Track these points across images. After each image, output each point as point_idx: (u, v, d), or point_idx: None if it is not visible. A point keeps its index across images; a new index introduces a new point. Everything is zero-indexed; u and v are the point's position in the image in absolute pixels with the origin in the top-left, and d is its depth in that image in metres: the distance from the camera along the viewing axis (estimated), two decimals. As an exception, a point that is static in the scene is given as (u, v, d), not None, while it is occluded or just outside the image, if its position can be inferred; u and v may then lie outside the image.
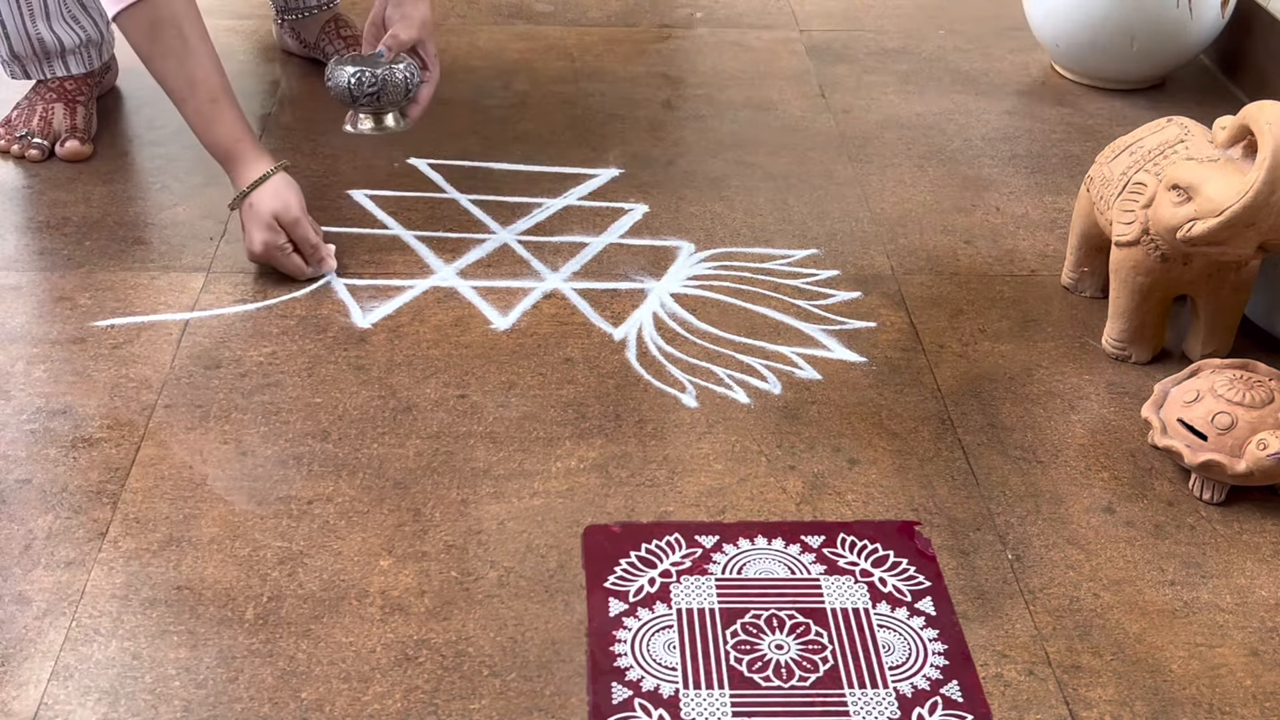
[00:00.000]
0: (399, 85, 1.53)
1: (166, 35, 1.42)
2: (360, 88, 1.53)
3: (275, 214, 1.44)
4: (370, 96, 1.53)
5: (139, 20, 1.41)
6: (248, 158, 1.46)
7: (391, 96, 1.54)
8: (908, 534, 1.17)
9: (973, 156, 1.79)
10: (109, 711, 0.99)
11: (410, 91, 1.55)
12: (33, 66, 1.70)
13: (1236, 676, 1.05)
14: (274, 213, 1.44)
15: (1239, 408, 1.20)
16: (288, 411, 1.29)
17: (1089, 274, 1.49)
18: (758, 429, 1.29)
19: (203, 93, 1.44)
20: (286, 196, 1.45)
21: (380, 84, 1.52)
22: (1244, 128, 1.25)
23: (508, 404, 1.31)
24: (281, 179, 1.46)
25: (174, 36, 1.42)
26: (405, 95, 1.55)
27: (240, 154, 1.46)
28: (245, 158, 1.46)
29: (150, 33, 1.42)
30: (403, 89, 1.54)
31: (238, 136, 1.46)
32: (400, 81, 1.53)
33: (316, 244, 1.47)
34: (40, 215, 1.59)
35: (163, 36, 1.42)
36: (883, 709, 1.01)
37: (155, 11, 1.41)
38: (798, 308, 1.47)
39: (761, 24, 2.17)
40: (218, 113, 1.45)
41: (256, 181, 1.45)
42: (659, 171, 1.72)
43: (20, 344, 1.37)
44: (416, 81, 1.55)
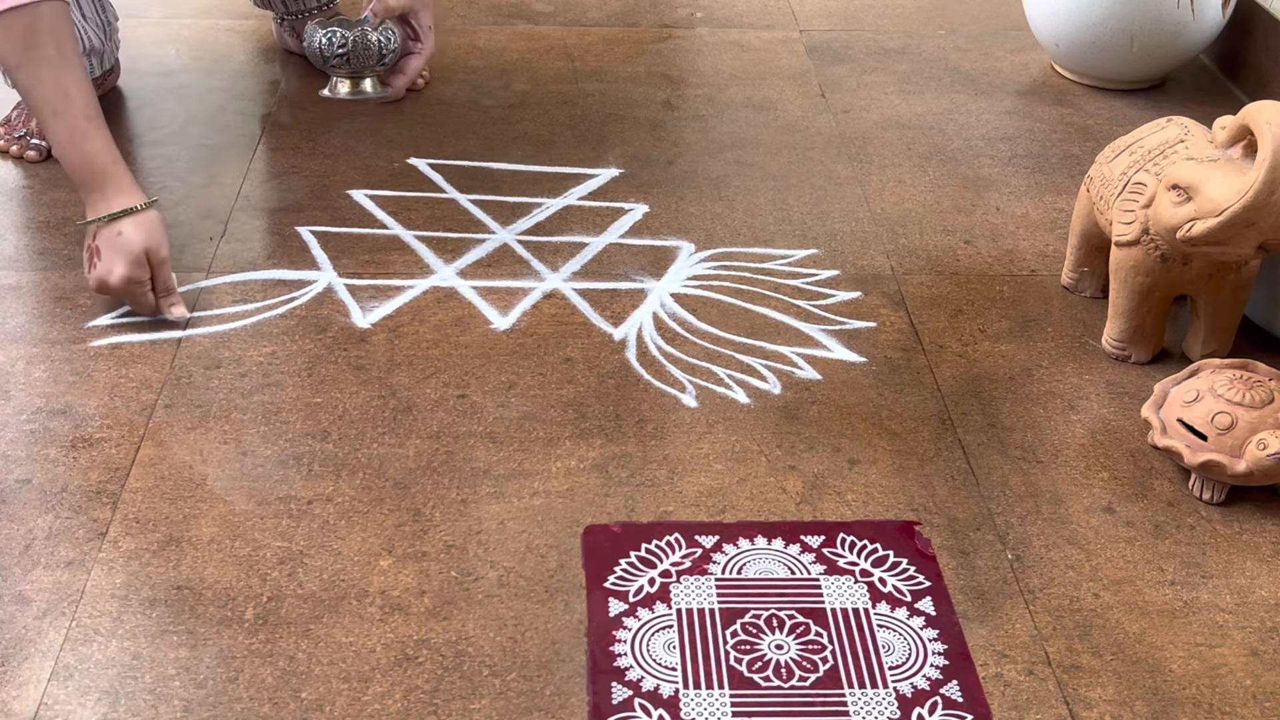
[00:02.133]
0: (371, 48, 1.51)
1: (44, 45, 1.34)
2: (330, 48, 1.51)
3: (148, 249, 1.38)
4: (340, 58, 1.51)
5: (15, 26, 1.33)
6: (121, 182, 1.38)
7: (363, 60, 1.51)
8: (908, 534, 1.17)
9: (973, 156, 1.79)
10: (109, 711, 0.99)
11: (385, 57, 1.52)
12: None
13: (1236, 676, 1.05)
14: (147, 248, 1.38)
15: (1239, 408, 1.20)
16: (288, 411, 1.29)
17: (1089, 274, 1.49)
18: (758, 429, 1.29)
19: (78, 108, 1.36)
20: (160, 234, 1.39)
21: (351, 46, 1.50)
22: (1244, 128, 1.25)
23: (508, 404, 1.31)
24: (155, 215, 1.40)
25: (51, 47, 1.34)
26: (379, 60, 1.52)
27: (114, 176, 1.38)
28: (118, 181, 1.38)
29: (25, 39, 1.33)
30: (375, 53, 1.51)
31: (113, 158, 1.38)
32: (372, 44, 1.51)
33: (174, 288, 1.42)
34: (40, 215, 1.59)
35: (39, 45, 1.34)
36: (883, 709, 1.01)
37: (35, 20, 1.33)
38: (798, 308, 1.47)
39: (761, 24, 2.17)
40: (93, 130, 1.37)
41: (126, 210, 1.37)
42: (659, 171, 1.72)
43: (20, 344, 1.37)
44: (393, 47, 1.53)
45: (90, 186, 1.39)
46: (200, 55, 1.98)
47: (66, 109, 1.36)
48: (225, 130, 1.79)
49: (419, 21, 1.56)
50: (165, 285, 1.41)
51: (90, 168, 1.38)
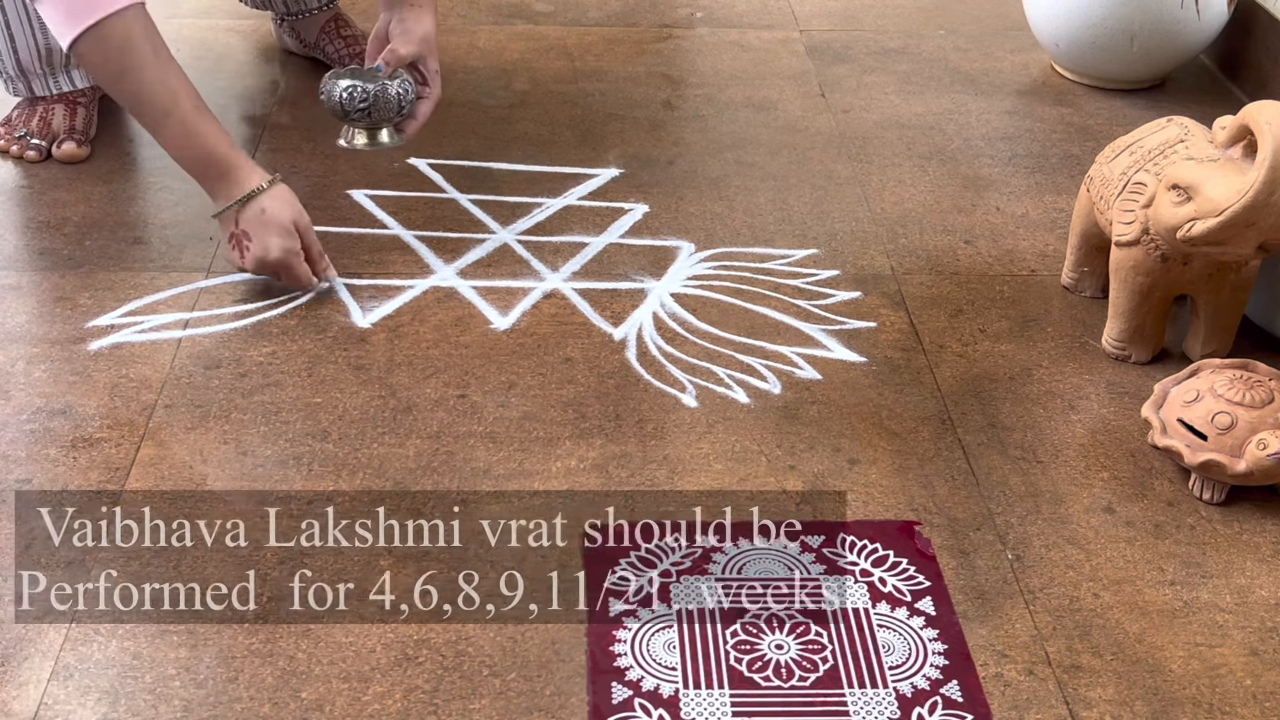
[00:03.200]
0: (391, 102, 1.52)
1: (141, 49, 1.35)
2: (352, 102, 1.52)
3: (294, 220, 1.41)
4: (362, 112, 1.52)
5: (108, 37, 1.33)
6: (245, 163, 1.41)
7: (384, 113, 1.52)
8: (908, 534, 1.17)
9: (973, 156, 1.79)
10: (109, 711, 0.99)
11: (404, 108, 1.54)
12: (38, 82, 1.69)
13: (1236, 676, 1.05)
14: (293, 219, 1.41)
15: (1239, 408, 1.20)
16: (288, 411, 1.29)
17: (1089, 274, 1.49)
18: (758, 429, 1.29)
19: (186, 100, 1.38)
20: (298, 203, 1.43)
21: (372, 99, 1.51)
22: (1244, 128, 1.25)
23: (508, 404, 1.31)
24: (286, 188, 1.43)
25: (148, 49, 1.35)
26: (398, 112, 1.53)
27: (236, 160, 1.40)
28: (242, 164, 1.40)
29: (123, 47, 1.34)
30: (395, 105, 1.52)
31: (230, 141, 1.41)
32: (393, 98, 1.52)
33: (323, 252, 1.46)
34: (40, 215, 1.59)
35: (137, 50, 1.34)
36: (883, 709, 1.01)
37: (129, 26, 1.34)
38: (798, 308, 1.47)
39: (761, 24, 2.17)
40: (205, 119, 1.39)
41: (256, 190, 1.40)
42: (659, 171, 1.72)
43: (20, 344, 1.37)
44: (411, 98, 1.54)
45: (216, 174, 1.40)
46: (200, 55, 1.98)
47: (176, 106, 1.37)
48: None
49: (426, 67, 1.57)
50: (317, 250, 1.44)
51: (212, 157, 1.39)
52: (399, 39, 1.53)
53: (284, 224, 1.40)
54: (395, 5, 1.55)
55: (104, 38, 1.33)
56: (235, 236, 1.42)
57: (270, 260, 1.41)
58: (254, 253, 1.41)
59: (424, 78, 1.57)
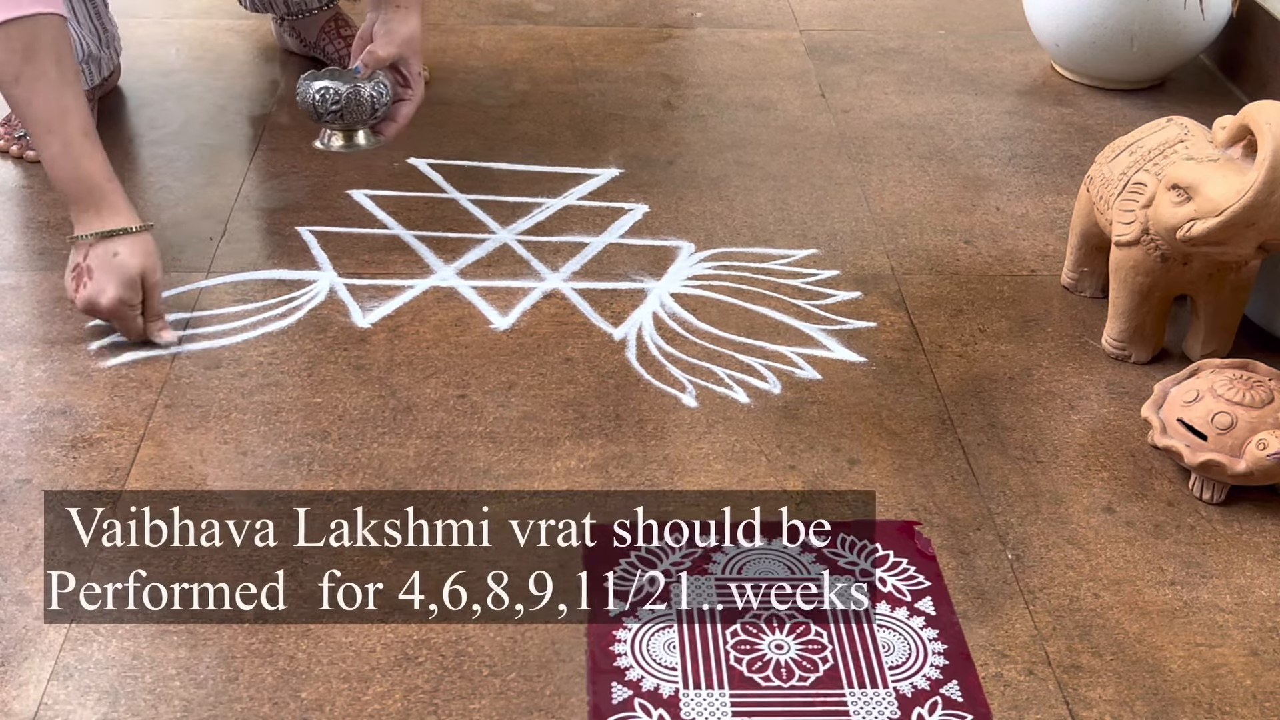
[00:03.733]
0: (364, 104, 1.49)
1: (43, 59, 1.31)
2: (324, 104, 1.50)
3: (144, 272, 1.35)
4: (334, 114, 1.49)
5: (13, 38, 1.30)
6: (116, 202, 1.35)
7: (356, 115, 1.50)
8: (908, 534, 1.17)
9: (973, 156, 1.79)
10: (109, 711, 0.99)
11: (378, 110, 1.51)
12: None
13: (1236, 676, 1.05)
14: (144, 271, 1.35)
15: (1239, 408, 1.20)
16: (288, 411, 1.29)
17: (1089, 274, 1.49)
18: (758, 429, 1.29)
19: (75, 124, 1.33)
20: (155, 258, 1.37)
21: (344, 101, 1.49)
22: (1244, 128, 1.25)
23: (508, 404, 1.31)
24: (150, 239, 1.37)
25: (50, 62, 1.31)
26: (372, 114, 1.50)
27: (109, 194, 1.35)
28: (113, 200, 1.35)
29: (25, 53, 1.30)
30: (369, 108, 1.50)
31: (108, 175, 1.35)
32: (366, 100, 1.49)
33: (162, 313, 1.39)
34: (40, 215, 1.59)
35: (38, 59, 1.31)
36: (882, 709, 1.01)
37: (35, 33, 1.30)
38: (797, 308, 1.47)
39: (761, 24, 2.17)
40: (89, 146, 1.34)
41: (120, 230, 1.35)
42: (659, 171, 1.72)
43: (20, 344, 1.37)
44: (386, 100, 1.51)
45: (84, 203, 1.35)
46: (200, 55, 1.98)
47: (63, 125, 1.33)
48: (225, 130, 1.79)
49: (409, 69, 1.54)
50: (155, 310, 1.38)
51: (85, 184, 1.35)
52: (380, 40, 1.51)
53: (130, 274, 1.34)
54: (381, 6, 1.54)
55: (9, 37, 1.30)
56: (79, 268, 1.36)
57: (101, 305, 1.35)
58: (88, 293, 1.35)
59: (405, 79, 1.55)
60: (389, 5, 1.53)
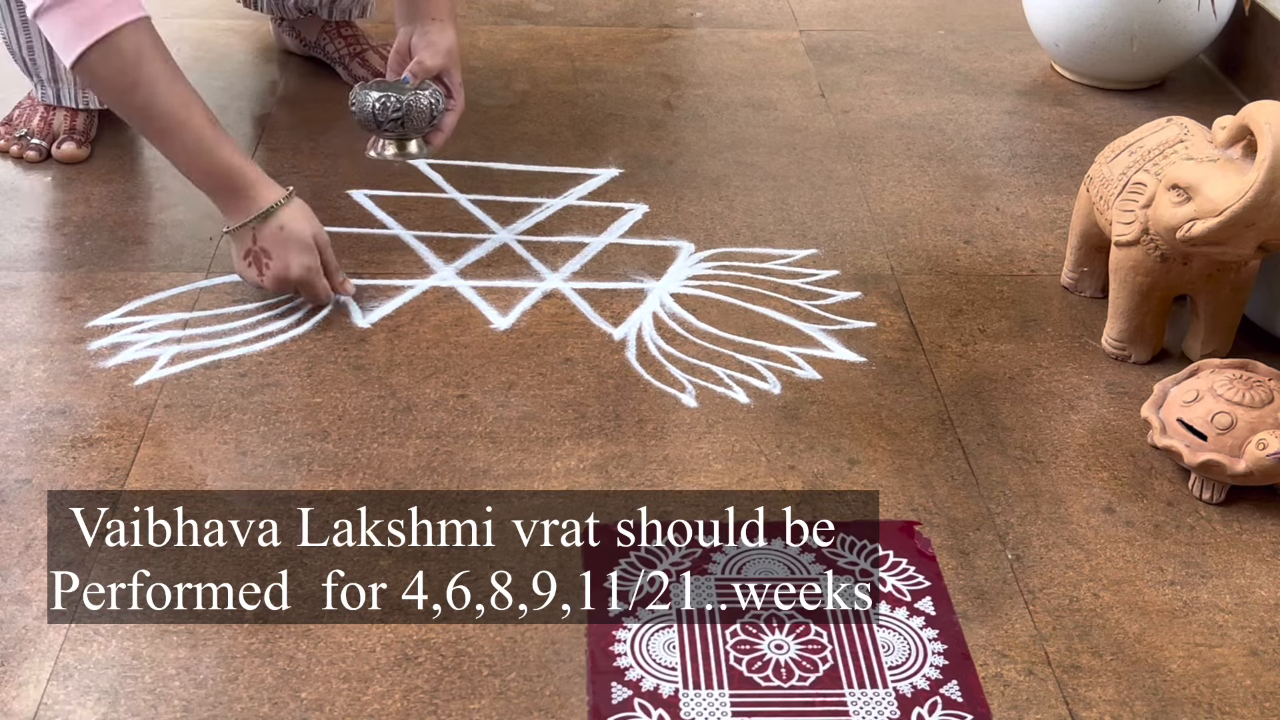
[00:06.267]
0: (424, 111, 1.51)
1: (154, 59, 1.33)
2: (385, 113, 1.51)
3: (314, 235, 1.39)
4: (394, 122, 1.51)
5: (121, 49, 1.31)
6: (262, 179, 1.38)
7: (416, 123, 1.52)
8: (908, 534, 1.17)
9: (973, 156, 1.79)
10: (109, 711, 0.99)
11: (435, 118, 1.53)
12: (66, 91, 1.68)
13: (1236, 676, 1.05)
14: (313, 234, 1.39)
15: (1239, 408, 1.20)
16: (288, 411, 1.29)
17: (1089, 274, 1.49)
18: (758, 429, 1.29)
19: (199, 114, 1.35)
20: (314, 218, 1.41)
21: (405, 110, 1.50)
22: (1244, 128, 1.25)
23: (508, 404, 1.31)
24: (302, 203, 1.41)
25: (160, 61, 1.33)
26: (429, 122, 1.53)
27: (252, 174, 1.38)
28: (257, 179, 1.38)
29: (136, 59, 1.32)
30: (427, 115, 1.52)
31: (246, 157, 1.39)
32: (425, 108, 1.51)
33: (339, 266, 1.44)
34: (40, 215, 1.59)
35: (148, 61, 1.32)
36: (882, 709, 1.01)
37: (138, 38, 1.32)
38: (797, 308, 1.47)
39: (761, 24, 2.17)
40: (220, 134, 1.37)
41: (275, 205, 1.38)
42: (659, 171, 1.72)
43: (20, 344, 1.37)
44: (441, 109, 1.53)
45: (230, 190, 1.38)
46: (200, 55, 1.98)
47: (189, 118, 1.35)
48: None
49: (451, 79, 1.55)
50: (332, 265, 1.42)
51: (227, 173, 1.37)
52: (425, 51, 1.52)
53: (304, 240, 1.39)
54: (416, 19, 1.54)
55: (117, 49, 1.31)
56: (253, 253, 1.40)
57: (292, 278, 1.39)
58: (274, 270, 1.39)
59: (449, 90, 1.57)
60: (424, 18, 1.53)
